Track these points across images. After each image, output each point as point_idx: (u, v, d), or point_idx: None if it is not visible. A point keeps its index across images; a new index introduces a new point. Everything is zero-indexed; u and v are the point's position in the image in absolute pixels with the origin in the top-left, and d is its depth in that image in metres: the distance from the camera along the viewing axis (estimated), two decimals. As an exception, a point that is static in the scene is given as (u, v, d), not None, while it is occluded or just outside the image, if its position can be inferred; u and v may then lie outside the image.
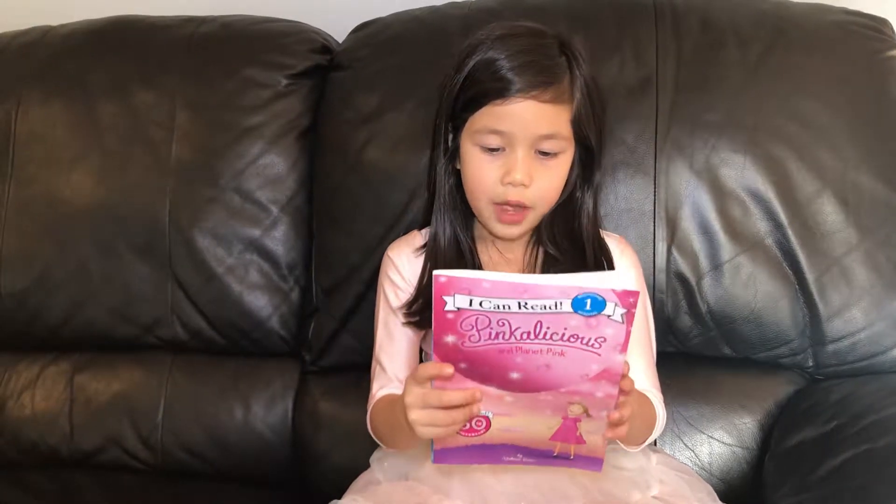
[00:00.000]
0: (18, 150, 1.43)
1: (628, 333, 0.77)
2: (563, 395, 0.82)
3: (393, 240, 1.25)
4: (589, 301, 0.76)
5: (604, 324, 0.77)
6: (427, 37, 1.33)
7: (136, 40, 1.44)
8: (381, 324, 1.10)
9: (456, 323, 0.77)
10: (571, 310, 0.76)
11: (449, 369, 0.81)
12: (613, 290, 0.75)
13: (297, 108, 1.38)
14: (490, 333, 0.78)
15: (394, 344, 1.08)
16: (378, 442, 1.08)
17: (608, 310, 0.76)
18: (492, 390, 0.82)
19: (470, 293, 0.76)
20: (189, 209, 1.35)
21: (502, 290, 0.76)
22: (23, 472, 1.35)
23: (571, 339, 0.78)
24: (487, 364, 0.80)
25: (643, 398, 0.99)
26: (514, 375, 0.80)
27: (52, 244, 1.39)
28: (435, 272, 0.76)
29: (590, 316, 0.76)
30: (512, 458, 0.89)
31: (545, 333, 0.77)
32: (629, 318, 0.76)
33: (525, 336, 0.78)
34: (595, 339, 0.78)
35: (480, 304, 0.76)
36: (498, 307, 0.76)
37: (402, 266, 1.09)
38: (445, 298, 0.76)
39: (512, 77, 0.95)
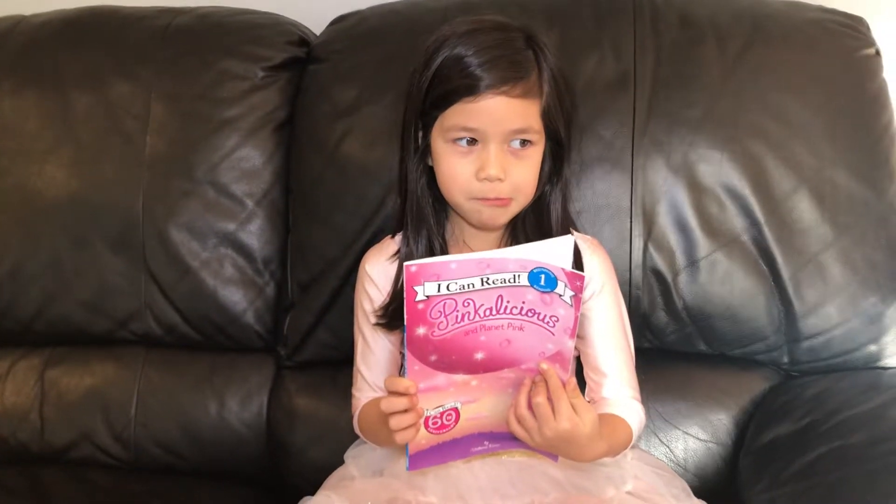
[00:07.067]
0: (-10, 141, 1.40)
1: (576, 319, 0.84)
2: (523, 372, 0.86)
3: (370, 234, 1.25)
4: (543, 276, 0.82)
5: (557, 303, 0.83)
6: (405, 30, 1.31)
7: (110, 31, 1.42)
8: (359, 335, 1.12)
9: (426, 312, 0.81)
10: (528, 283, 0.82)
11: (414, 388, 0.85)
12: (563, 270, 0.82)
13: (273, 101, 1.37)
14: (457, 317, 0.82)
15: (374, 354, 1.10)
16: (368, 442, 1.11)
17: (559, 289, 0.82)
18: (459, 378, 0.86)
19: (439, 278, 0.80)
20: (163, 202, 1.34)
21: (468, 269, 0.81)
22: (-8, 468, 1.33)
23: (529, 314, 0.83)
24: (455, 350, 0.84)
25: (608, 420, 0.98)
26: (479, 356, 0.85)
27: (24, 237, 1.37)
28: (406, 263, 0.79)
29: (544, 292, 0.82)
30: (479, 448, 0.93)
31: (506, 307, 0.83)
32: (576, 301, 0.83)
33: (488, 312, 0.82)
34: (550, 317, 0.84)
35: (448, 287, 0.81)
36: (463, 287, 0.81)
37: (378, 277, 1.10)
38: (416, 289, 0.80)
39: (481, 73, 0.95)
